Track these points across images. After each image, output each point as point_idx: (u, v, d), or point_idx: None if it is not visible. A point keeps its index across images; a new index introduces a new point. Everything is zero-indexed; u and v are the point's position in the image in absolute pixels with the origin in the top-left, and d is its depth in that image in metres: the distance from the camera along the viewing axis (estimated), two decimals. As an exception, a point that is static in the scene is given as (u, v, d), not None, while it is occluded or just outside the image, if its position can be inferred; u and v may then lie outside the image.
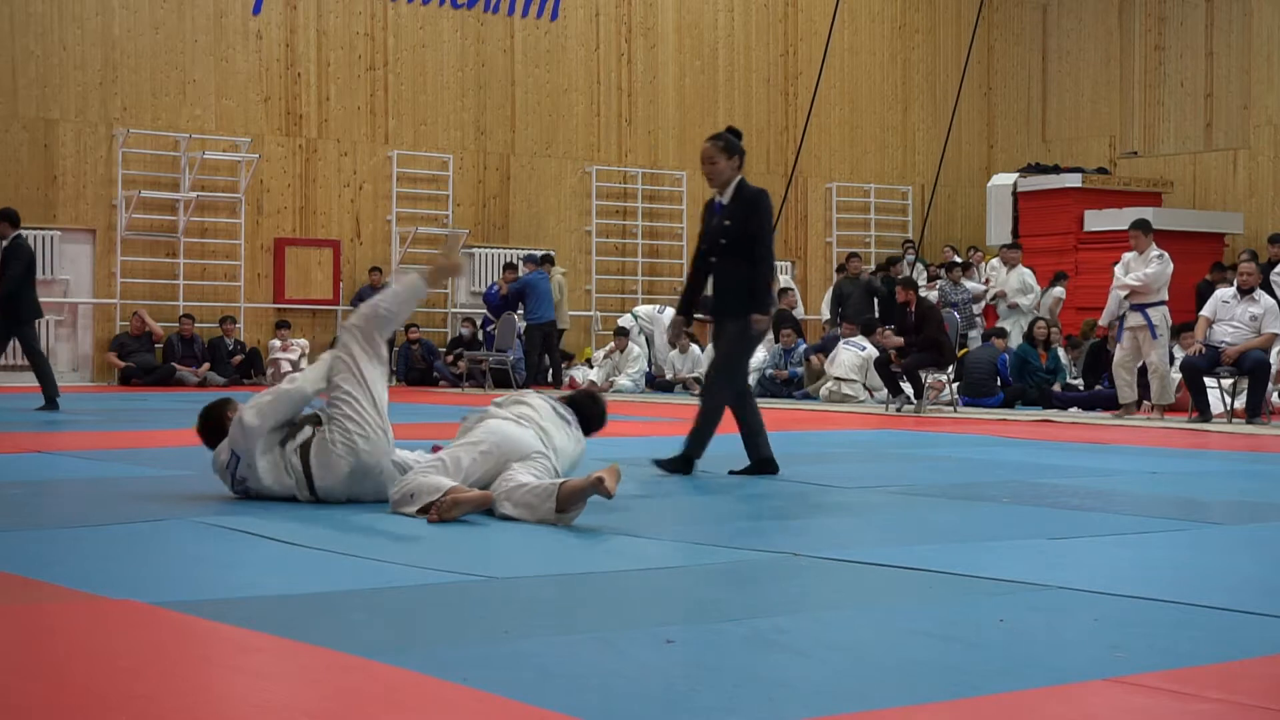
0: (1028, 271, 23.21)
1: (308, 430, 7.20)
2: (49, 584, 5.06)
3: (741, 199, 9.03)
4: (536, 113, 25.81)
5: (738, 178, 9.08)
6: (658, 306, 24.29)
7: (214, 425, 7.46)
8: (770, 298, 9.00)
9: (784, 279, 24.68)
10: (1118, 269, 16.54)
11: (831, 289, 23.91)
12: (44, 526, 6.51)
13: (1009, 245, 24.03)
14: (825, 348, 21.01)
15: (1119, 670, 3.91)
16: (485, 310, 24.04)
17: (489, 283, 24.77)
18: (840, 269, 24.82)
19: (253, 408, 7.20)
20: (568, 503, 6.53)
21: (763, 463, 8.90)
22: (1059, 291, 23.28)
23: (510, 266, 23.63)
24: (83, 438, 11.75)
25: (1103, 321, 17.58)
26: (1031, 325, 20.54)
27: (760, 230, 8.96)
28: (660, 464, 8.83)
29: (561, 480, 6.65)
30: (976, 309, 23.04)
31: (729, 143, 9.09)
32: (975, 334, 22.01)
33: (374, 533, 6.51)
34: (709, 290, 9.38)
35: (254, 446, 7.16)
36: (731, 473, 8.88)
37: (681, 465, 8.82)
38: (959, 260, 24.44)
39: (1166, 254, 16.31)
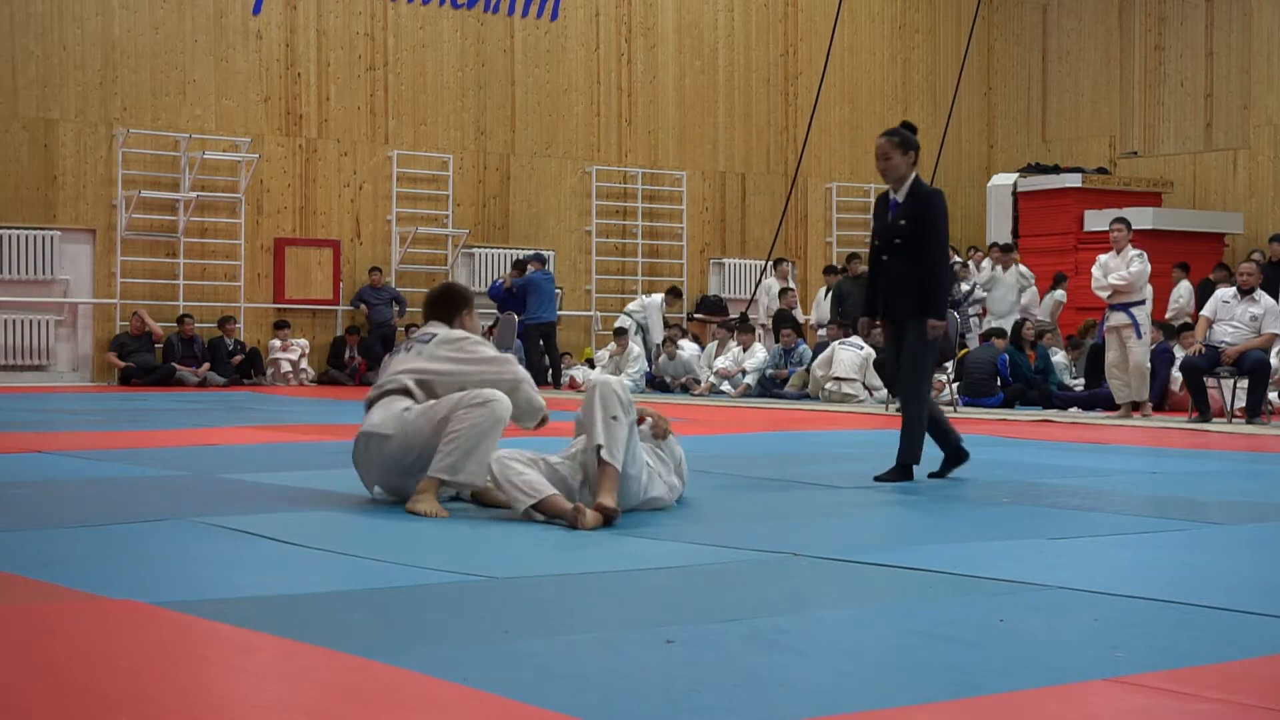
0: (1024, 270, 23.17)
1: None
2: (49, 584, 5.06)
3: (916, 198, 8.83)
4: (536, 113, 25.81)
5: (913, 174, 8.89)
6: (646, 295, 24.30)
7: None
8: (945, 302, 8.88)
9: (787, 279, 24.65)
10: (1095, 270, 16.56)
11: (830, 290, 23.88)
12: (44, 526, 6.51)
13: (1003, 246, 24.00)
14: (820, 351, 21.04)
15: (1119, 670, 3.91)
16: (494, 308, 24.04)
17: (490, 281, 24.78)
18: (832, 270, 24.76)
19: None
20: (543, 508, 6.66)
21: (957, 452, 8.98)
22: (1059, 294, 23.27)
23: (519, 264, 23.64)
24: (83, 438, 11.75)
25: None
26: (1018, 327, 20.55)
27: (934, 231, 8.78)
28: (880, 478, 8.76)
29: (552, 493, 6.69)
30: (973, 309, 23.03)
31: (904, 138, 8.88)
32: (972, 335, 22.01)
33: (374, 533, 6.51)
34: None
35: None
36: (931, 475, 8.89)
37: (900, 474, 8.79)
38: (959, 260, 24.45)
39: (1145, 253, 16.36)
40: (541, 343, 22.92)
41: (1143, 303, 16.25)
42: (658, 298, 24.37)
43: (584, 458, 6.93)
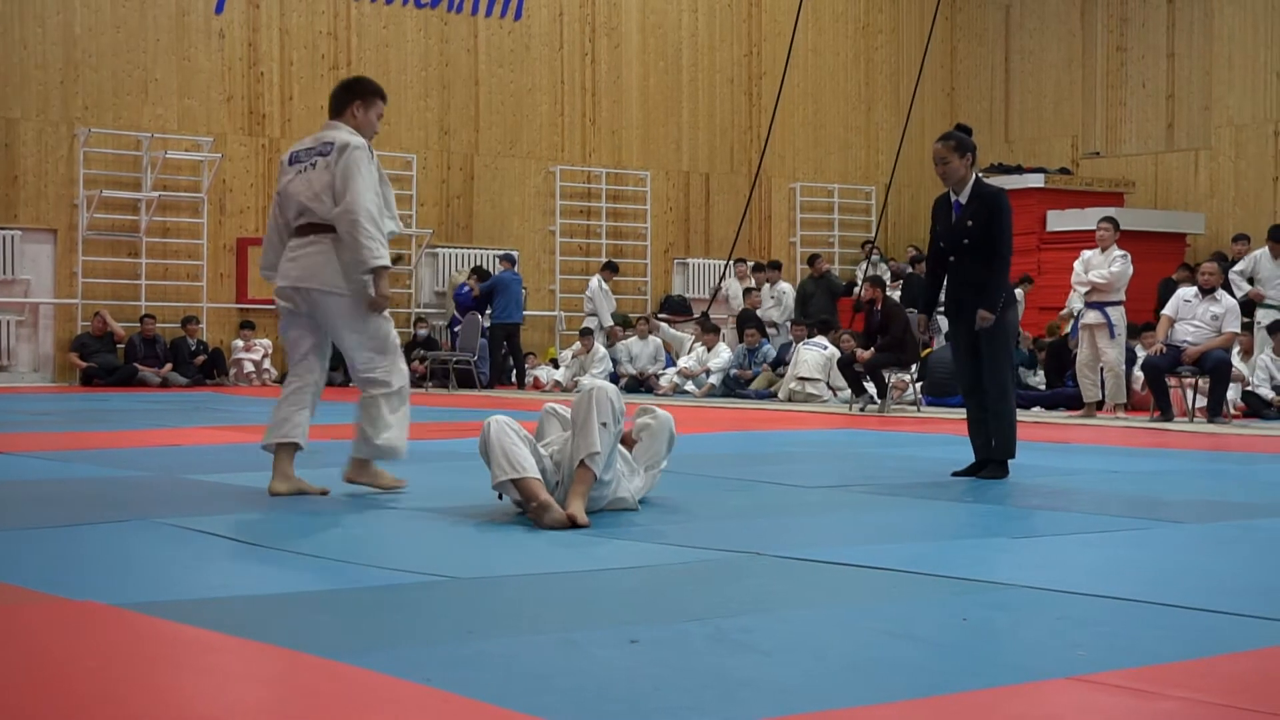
0: None
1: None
2: (10, 585, 5.03)
3: (981, 198, 9.08)
4: (500, 112, 25.78)
5: (973, 175, 9.12)
6: (596, 279, 24.29)
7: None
8: (1001, 298, 9.03)
9: (750, 280, 24.69)
10: (1077, 265, 16.63)
11: (794, 288, 23.96)
12: (5, 528, 6.47)
13: None
14: (783, 358, 21.10)
15: (1082, 669, 3.92)
16: (454, 310, 24.05)
17: (450, 282, 24.80)
18: (774, 266, 24.77)
19: None
20: (521, 487, 6.68)
21: (983, 463, 9.12)
22: (1019, 292, 23.34)
23: (477, 270, 23.62)
24: (44, 439, 11.69)
25: (1065, 312, 17.72)
26: None
27: (1002, 232, 9.05)
28: (972, 474, 9.02)
29: (535, 477, 6.68)
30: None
31: (960, 141, 9.09)
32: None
33: (337, 533, 6.49)
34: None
35: None
36: (955, 474, 9.15)
37: (1001, 469, 9.02)
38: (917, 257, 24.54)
39: (1129, 254, 16.42)
40: (505, 343, 22.91)
41: (1119, 303, 16.33)
42: (594, 280, 24.34)
43: (560, 456, 6.93)
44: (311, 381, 8.17)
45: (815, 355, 19.69)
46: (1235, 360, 16.30)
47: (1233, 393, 16.60)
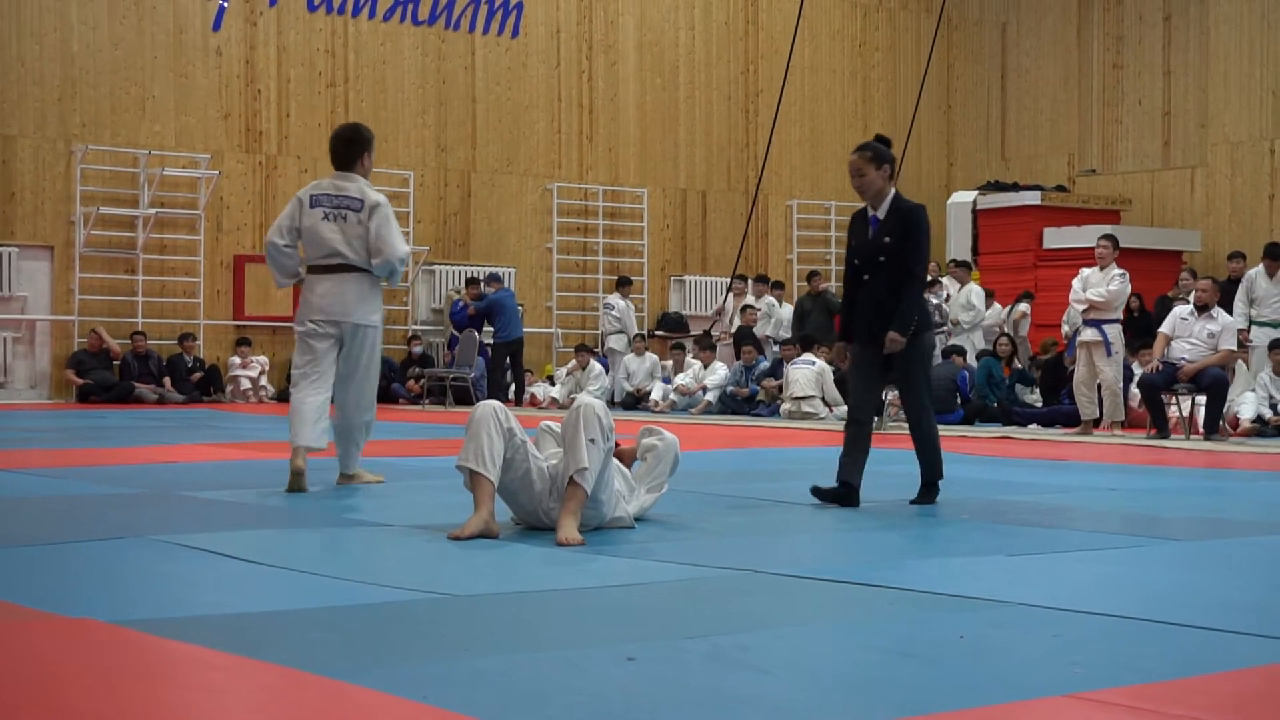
0: (975, 290, 23.12)
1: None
2: (6, 603, 5.03)
3: (900, 214, 8.51)
4: (497, 130, 25.81)
5: (892, 190, 8.57)
6: (616, 296, 24.34)
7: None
8: (914, 319, 8.45)
9: (747, 297, 24.70)
10: (1075, 283, 16.64)
11: (793, 306, 23.97)
12: (1, 545, 6.46)
13: (958, 262, 24.07)
14: (774, 372, 21.12)
15: (1079, 686, 3.92)
16: (450, 328, 24.07)
17: (445, 297, 24.82)
18: (760, 279, 24.79)
19: None
20: (471, 482, 6.81)
21: (848, 488, 8.49)
22: (1024, 307, 23.32)
23: (472, 281, 23.66)
24: (41, 455, 11.69)
25: (1066, 329, 17.73)
26: (996, 341, 20.71)
27: (918, 250, 8.48)
28: (915, 501, 8.60)
29: (487, 481, 6.74)
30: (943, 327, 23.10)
31: (877, 152, 8.56)
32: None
33: (334, 551, 6.49)
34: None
35: None
36: (814, 489, 8.52)
37: (930, 494, 8.65)
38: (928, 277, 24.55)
39: (1127, 273, 16.43)
40: (508, 360, 22.91)
41: (1116, 321, 16.34)
42: (616, 298, 24.37)
43: (554, 471, 6.94)
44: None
45: (805, 373, 19.71)
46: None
47: (1249, 411, 16.62)
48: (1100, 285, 16.27)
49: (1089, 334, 16.35)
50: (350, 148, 9.21)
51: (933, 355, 8.95)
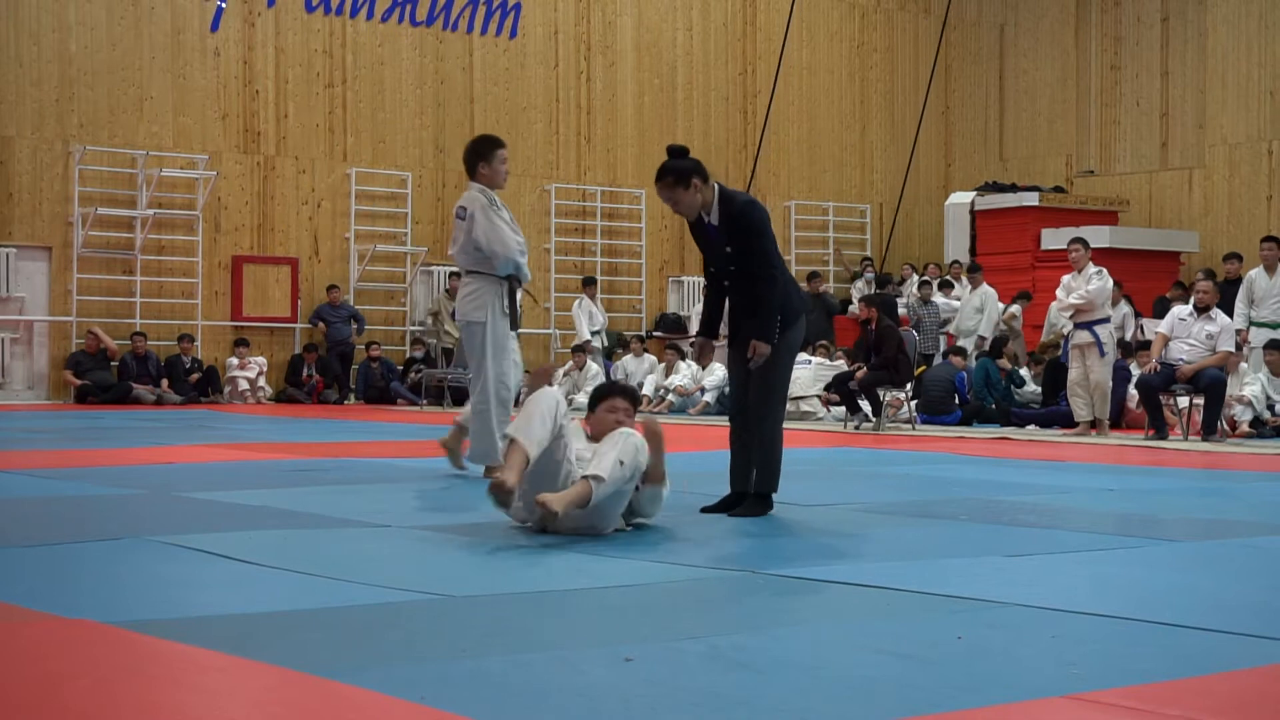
0: (989, 293, 23.15)
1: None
2: (4, 604, 5.02)
3: (732, 219, 7.96)
4: (495, 130, 25.64)
5: (715, 195, 8.00)
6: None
7: None
8: (775, 322, 7.93)
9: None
10: (1059, 291, 16.65)
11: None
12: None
13: (974, 268, 24.08)
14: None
15: (1076, 687, 3.92)
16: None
17: (434, 300, 24.84)
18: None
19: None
20: (506, 454, 6.79)
21: (740, 497, 8.15)
22: (1015, 308, 23.33)
23: (457, 275, 23.69)
24: (39, 456, 11.68)
25: (1044, 338, 17.74)
26: (998, 343, 20.73)
27: (763, 248, 7.93)
28: (733, 512, 8.00)
29: (523, 461, 6.71)
30: (949, 327, 23.08)
31: (675, 173, 7.94)
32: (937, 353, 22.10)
33: (331, 551, 6.48)
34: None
35: None
36: (704, 510, 8.10)
37: (760, 505, 8.03)
38: (925, 278, 24.56)
39: (1105, 269, 16.44)
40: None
41: (1105, 320, 16.34)
42: (584, 299, 24.42)
43: (570, 467, 6.92)
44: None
45: (800, 373, 19.71)
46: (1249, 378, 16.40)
47: (1250, 414, 16.63)
48: (1080, 288, 16.27)
49: (1081, 336, 16.36)
50: (468, 158, 10.18)
51: (795, 352, 8.38)
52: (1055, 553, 6.64)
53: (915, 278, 25.34)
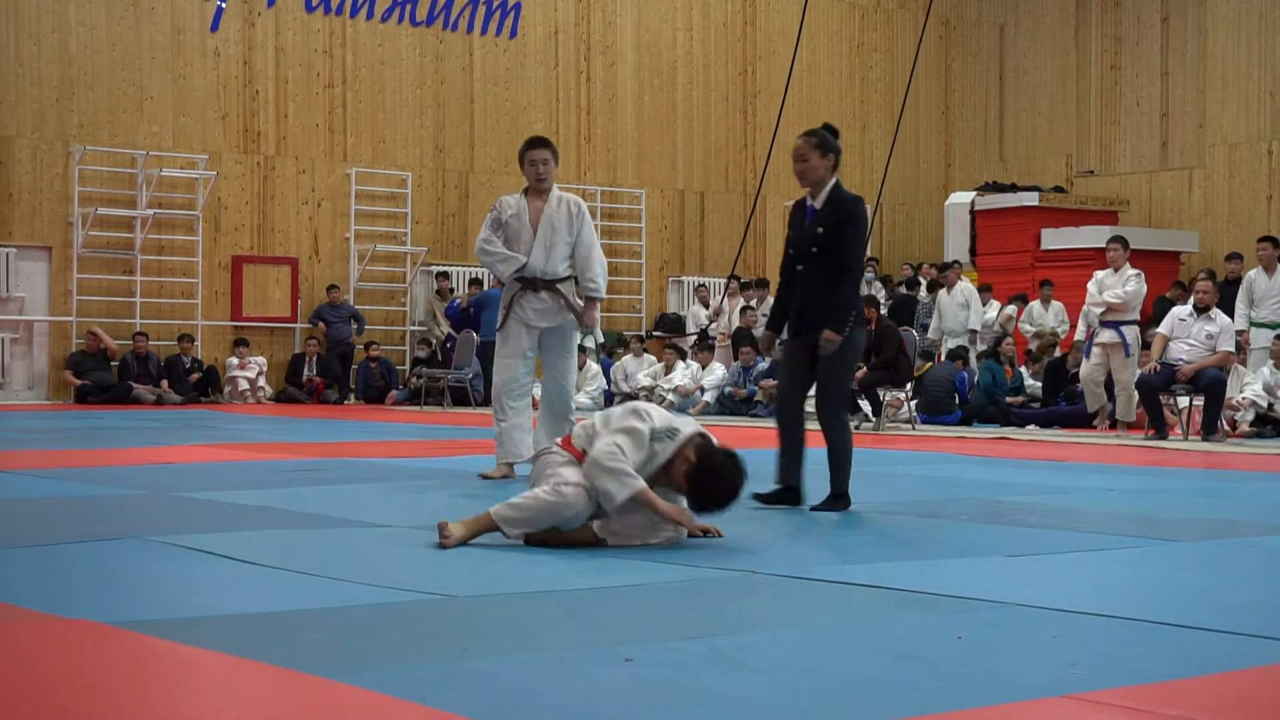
0: (967, 287, 23.05)
1: None
2: (4, 604, 5.02)
3: (836, 204, 8.26)
4: (495, 130, 25.80)
5: (833, 180, 8.31)
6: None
7: None
8: (850, 316, 8.21)
9: (742, 298, 24.70)
10: (1091, 286, 16.64)
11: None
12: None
13: (945, 266, 24.07)
14: (772, 373, 21.13)
15: (1077, 687, 3.92)
16: (448, 328, 24.09)
17: (428, 301, 24.85)
18: (745, 285, 24.73)
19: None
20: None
21: (788, 491, 8.40)
22: (1010, 309, 23.31)
23: (476, 282, 23.70)
24: (39, 456, 11.68)
25: (1079, 334, 17.76)
26: (998, 343, 20.72)
27: (852, 242, 8.25)
28: (814, 507, 8.26)
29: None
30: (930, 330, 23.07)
31: (823, 139, 8.29)
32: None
33: (331, 551, 6.48)
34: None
35: None
36: (755, 495, 8.26)
37: (839, 502, 8.26)
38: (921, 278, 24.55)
39: (1142, 273, 16.47)
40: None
41: (1133, 322, 16.38)
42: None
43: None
44: None
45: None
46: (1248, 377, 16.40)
47: (1250, 414, 16.63)
48: (1116, 287, 16.29)
49: (1107, 336, 16.37)
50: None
51: (859, 354, 8.60)
52: (1055, 553, 6.64)
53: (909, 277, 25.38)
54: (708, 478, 6.52)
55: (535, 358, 10.19)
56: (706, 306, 25.35)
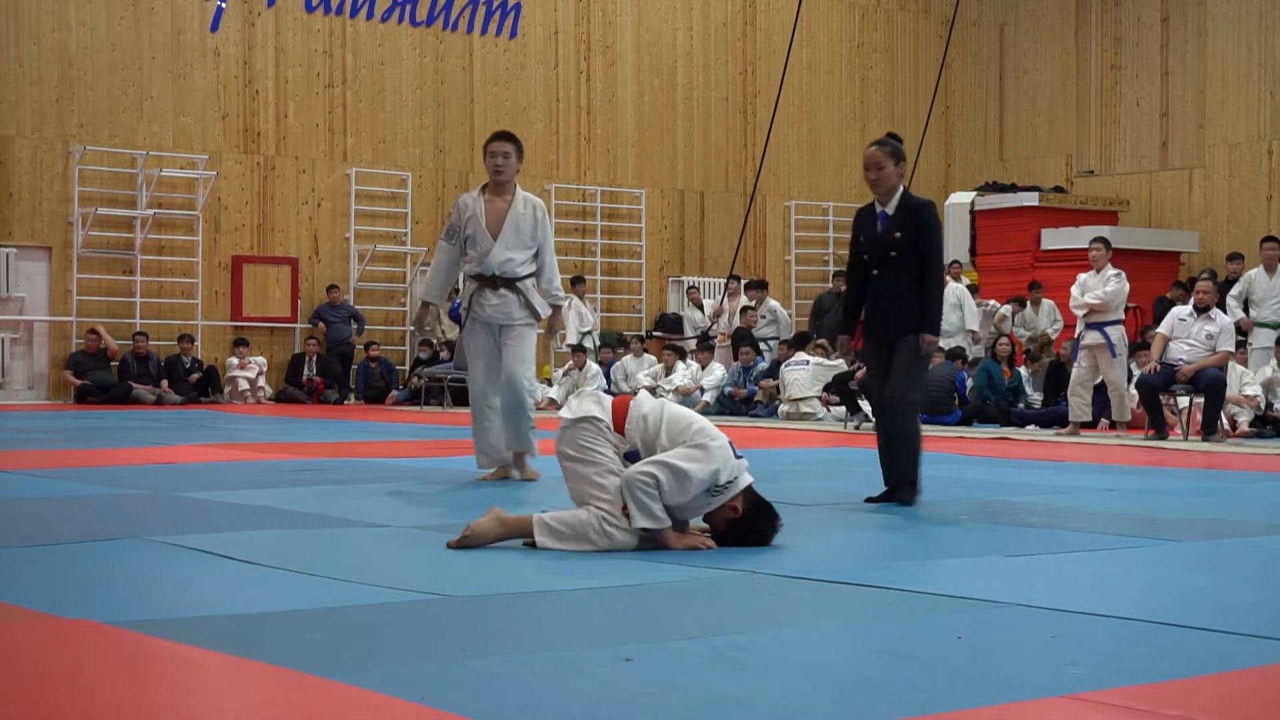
0: (959, 287, 23.01)
1: None
2: (4, 604, 5.02)
3: (910, 209, 8.59)
4: (495, 130, 25.75)
5: (902, 187, 8.66)
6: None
7: None
8: (940, 317, 8.64)
9: (743, 298, 24.70)
10: (1074, 289, 16.65)
11: (783, 306, 23.98)
12: (-1, 546, 6.46)
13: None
14: (772, 373, 21.15)
15: (1076, 687, 3.92)
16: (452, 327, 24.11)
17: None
18: (749, 285, 24.70)
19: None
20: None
21: (896, 489, 8.59)
22: (1005, 309, 23.27)
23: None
24: (39, 456, 11.68)
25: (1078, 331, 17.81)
26: (995, 343, 20.72)
27: (933, 245, 8.58)
28: (874, 500, 8.53)
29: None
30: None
31: (895, 148, 8.61)
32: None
33: (331, 551, 6.48)
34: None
35: None
36: (868, 500, 8.57)
37: (910, 493, 8.53)
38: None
39: (1123, 273, 16.45)
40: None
41: (1118, 322, 16.37)
42: (573, 298, 24.24)
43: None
44: None
45: (800, 373, 19.72)
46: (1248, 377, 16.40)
47: (1250, 414, 16.64)
48: (1097, 288, 16.29)
49: (1092, 337, 16.37)
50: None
51: (931, 356, 8.96)
52: (1055, 553, 6.64)
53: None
54: (748, 534, 6.63)
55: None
56: (700, 308, 25.35)
